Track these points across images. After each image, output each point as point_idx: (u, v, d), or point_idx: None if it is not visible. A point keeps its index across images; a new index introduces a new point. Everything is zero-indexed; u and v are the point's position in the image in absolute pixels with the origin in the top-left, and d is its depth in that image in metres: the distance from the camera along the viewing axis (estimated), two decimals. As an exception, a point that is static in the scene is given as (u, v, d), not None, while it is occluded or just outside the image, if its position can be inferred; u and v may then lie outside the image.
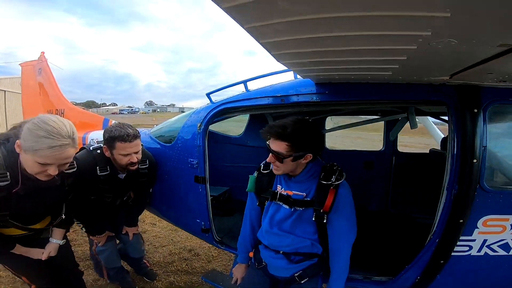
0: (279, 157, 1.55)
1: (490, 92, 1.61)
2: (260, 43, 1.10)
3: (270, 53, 1.22)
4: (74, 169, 1.84)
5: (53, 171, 1.50)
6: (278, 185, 1.73)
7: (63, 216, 1.92)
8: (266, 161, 1.86)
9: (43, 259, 1.89)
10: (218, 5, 0.76)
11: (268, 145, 1.59)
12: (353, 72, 1.54)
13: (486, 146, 1.60)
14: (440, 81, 1.61)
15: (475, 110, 1.59)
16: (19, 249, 1.83)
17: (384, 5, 0.78)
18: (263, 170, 1.82)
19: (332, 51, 1.15)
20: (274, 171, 1.67)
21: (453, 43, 0.97)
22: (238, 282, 1.94)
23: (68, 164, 1.64)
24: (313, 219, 1.61)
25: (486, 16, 0.78)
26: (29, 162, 1.47)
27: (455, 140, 1.64)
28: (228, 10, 0.81)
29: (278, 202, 1.69)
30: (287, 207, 1.66)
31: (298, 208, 1.64)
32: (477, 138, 1.59)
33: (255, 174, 1.84)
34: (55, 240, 1.97)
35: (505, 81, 1.50)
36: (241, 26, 0.92)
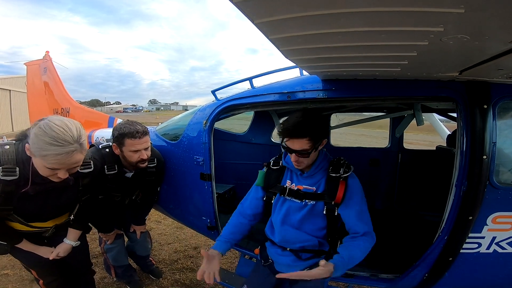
0: (304, 153, 1.55)
1: (500, 88, 1.60)
2: (269, 39, 1.09)
3: (278, 49, 1.21)
4: (91, 170, 1.81)
5: (62, 174, 1.50)
6: (287, 181, 1.74)
7: (71, 217, 1.90)
8: (276, 157, 1.85)
9: (50, 258, 1.85)
10: (230, 1, 0.76)
11: (286, 146, 1.59)
12: (361, 68, 1.54)
13: (495, 142, 1.59)
14: (449, 77, 1.59)
15: (485, 106, 1.58)
16: (26, 246, 1.81)
17: (397, 0, 0.77)
18: (273, 166, 1.82)
19: (341, 47, 1.14)
20: (297, 167, 1.65)
21: (465, 39, 0.96)
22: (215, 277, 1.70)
23: (79, 167, 1.60)
24: (324, 212, 1.62)
25: (500, 12, 0.77)
26: (38, 165, 1.47)
27: (464, 136, 1.62)
28: (239, 6, 0.81)
29: (288, 197, 1.70)
30: (298, 201, 1.66)
31: (309, 202, 1.64)
32: (486, 134, 1.57)
33: (264, 169, 1.85)
34: (68, 241, 1.94)
35: (515, 77, 1.49)
36: (251, 21, 0.92)
